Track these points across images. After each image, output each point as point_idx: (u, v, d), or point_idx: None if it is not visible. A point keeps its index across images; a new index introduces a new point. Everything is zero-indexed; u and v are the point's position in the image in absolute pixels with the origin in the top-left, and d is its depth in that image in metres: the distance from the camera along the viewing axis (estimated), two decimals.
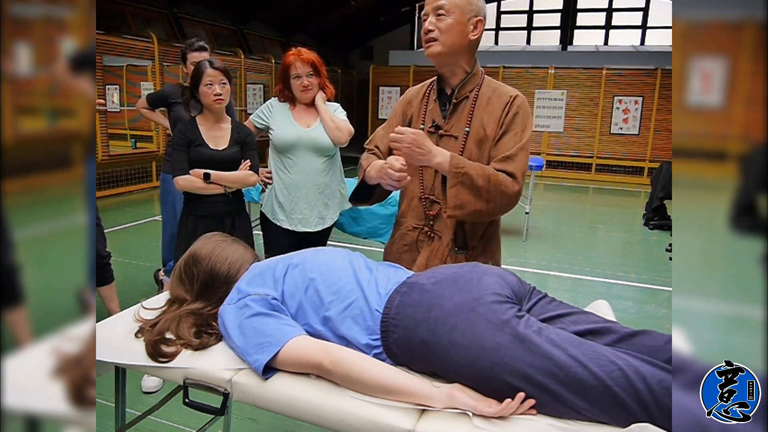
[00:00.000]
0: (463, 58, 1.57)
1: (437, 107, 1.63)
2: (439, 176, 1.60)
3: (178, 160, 2.26)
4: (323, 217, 2.54)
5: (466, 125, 1.57)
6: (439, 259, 1.59)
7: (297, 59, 2.39)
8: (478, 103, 1.58)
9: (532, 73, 10.31)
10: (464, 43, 1.53)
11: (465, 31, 1.52)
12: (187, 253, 1.47)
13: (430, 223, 1.63)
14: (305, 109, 2.50)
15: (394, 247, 1.72)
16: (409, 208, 1.68)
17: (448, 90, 1.62)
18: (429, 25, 1.52)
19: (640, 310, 3.79)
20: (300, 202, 2.47)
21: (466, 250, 1.61)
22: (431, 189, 1.62)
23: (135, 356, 1.30)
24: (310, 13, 11.17)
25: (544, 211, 6.97)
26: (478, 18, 1.54)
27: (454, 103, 1.59)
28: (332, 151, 2.51)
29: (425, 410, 1.10)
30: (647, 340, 1.14)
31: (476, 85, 1.60)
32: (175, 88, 3.15)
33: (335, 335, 1.24)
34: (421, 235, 1.65)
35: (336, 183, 2.60)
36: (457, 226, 1.59)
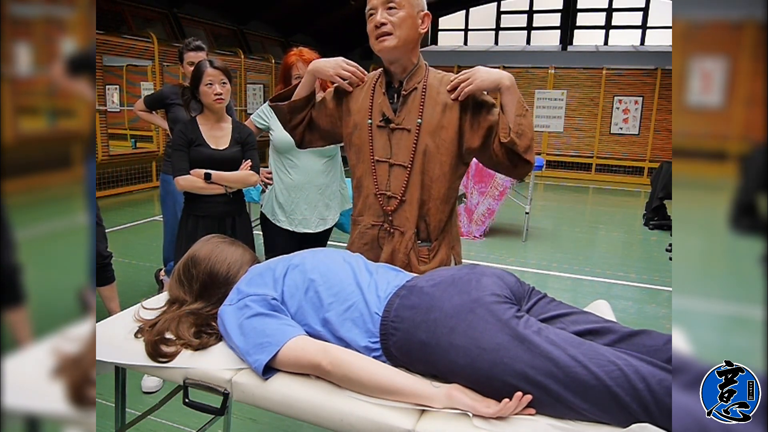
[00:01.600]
0: (413, 52, 1.57)
1: (386, 100, 1.60)
2: (393, 171, 1.58)
3: (178, 160, 2.26)
4: (324, 218, 2.54)
5: (417, 117, 1.55)
6: (402, 253, 1.58)
7: (299, 59, 2.38)
8: (428, 94, 1.56)
9: (532, 73, 10.31)
10: (416, 36, 1.53)
11: (416, 24, 1.52)
12: (186, 255, 1.47)
13: (389, 219, 1.60)
14: None
15: (353, 247, 1.67)
16: (365, 206, 1.65)
17: (396, 82, 1.60)
18: (381, 18, 1.49)
19: (640, 310, 3.79)
20: (300, 203, 2.46)
21: (429, 242, 1.60)
22: (387, 184, 1.59)
23: (135, 356, 1.30)
24: (310, 13, 11.17)
25: (544, 211, 6.97)
26: (424, 12, 1.54)
27: (404, 95, 1.57)
28: (333, 152, 2.51)
29: (425, 410, 1.10)
30: (647, 340, 1.14)
31: (423, 76, 1.58)
32: (173, 88, 3.13)
33: (335, 337, 1.24)
34: (382, 232, 1.62)
35: (336, 183, 2.59)
36: (419, 219, 1.58)
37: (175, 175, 2.26)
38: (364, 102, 1.63)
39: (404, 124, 1.56)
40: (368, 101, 1.62)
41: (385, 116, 1.58)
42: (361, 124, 1.62)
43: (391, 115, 1.58)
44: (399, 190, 1.57)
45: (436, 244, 1.60)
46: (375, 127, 1.59)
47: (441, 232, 1.61)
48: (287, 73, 2.42)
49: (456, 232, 1.68)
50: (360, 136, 1.63)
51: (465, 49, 12.89)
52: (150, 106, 3.26)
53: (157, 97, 3.22)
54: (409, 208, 1.57)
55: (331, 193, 2.55)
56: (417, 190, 1.56)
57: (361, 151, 1.63)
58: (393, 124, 1.57)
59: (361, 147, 1.63)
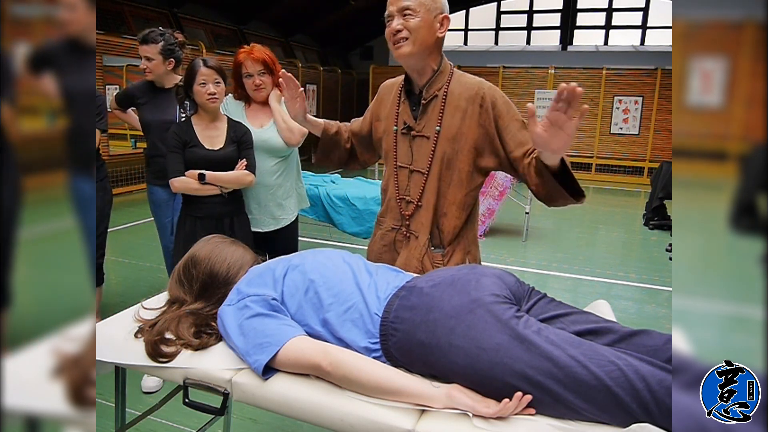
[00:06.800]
0: (432, 57, 1.56)
1: (407, 108, 1.62)
2: (413, 176, 1.61)
3: (173, 162, 2.24)
4: (276, 218, 2.49)
5: (436, 124, 1.57)
6: (416, 259, 1.60)
7: (247, 57, 2.32)
8: (448, 101, 1.57)
9: (532, 73, 10.31)
10: (433, 41, 1.53)
11: (433, 28, 1.52)
12: (186, 256, 1.47)
13: (407, 224, 1.63)
14: (260, 109, 2.45)
15: (375, 247, 1.74)
16: (388, 209, 1.70)
17: (416, 90, 1.61)
18: (397, 26, 1.51)
19: (640, 310, 3.79)
20: (250, 202, 2.44)
21: (442, 248, 1.61)
22: (406, 189, 1.63)
23: (135, 356, 1.30)
24: (310, 13, 11.17)
25: (544, 211, 6.96)
26: (443, 15, 1.53)
27: (424, 103, 1.59)
28: (285, 152, 2.46)
29: (425, 410, 1.10)
30: (647, 340, 1.14)
31: (444, 82, 1.58)
32: (141, 86, 2.84)
33: (334, 337, 1.24)
34: (399, 235, 1.66)
35: (291, 182, 2.54)
36: (432, 225, 1.60)
37: (170, 177, 2.25)
38: (392, 109, 1.67)
39: (424, 131, 1.59)
40: (395, 108, 1.65)
41: (406, 123, 1.62)
42: (388, 130, 1.67)
43: (411, 123, 1.61)
44: (416, 195, 1.60)
45: (450, 250, 1.62)
46: (399, 134, 1.63)
47: (455, 237, 1.62)
48: (237, 71, 2.38)
49: (474, 236, 1.69)
50: (387, 141, 1.68)
51: (465, 49, 12.90)
52: (121, 105, 2.97)
53: (127, 95, 2.92)
54: (424, 213, 1.60)
55: (284, 193, 2.50)
56: (433, 195, 1.58)
57: (387, 156, 1.69)
58: (414, 132, 1.60)
59: (387, 152, 1.69)
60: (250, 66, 2.34)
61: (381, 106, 1.73)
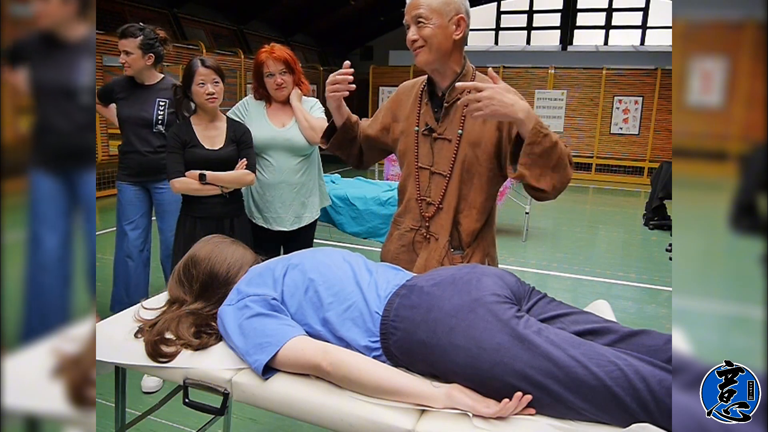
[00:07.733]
0: (453, 59, 1.56)
1: (430, 110, 1.62)
2: (434, 178, 1.61)
3: (172, 162, 2.24)
4: (299, 216, 2.51)
5: (459, 128, 1.57)
6: (436, 260, 1.59)
7: (269, 57, 2.35)
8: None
9: (532, 73, 10.31)
10: (449, 44, 1.53)
11: (448, 32, 1.51)
12: (186, 255, 1.46)
13: (426, 225, 1.63)
14: (281, 108, 2.46)
15: (392, 246, 1.72)
16: (407, 209, 1.69)
17: (439, 92, 1.61)
18: (412, 36, 1.52)
19: (640, 310, 3.79)
20: (275, 201, 2.45)
21: (462, 250, 1.61)
22: (427, 191, 1.63)
23: (135, 356, 1.30)
24: (310, 13, 11.17)
25: (544, 211, 6.96)
26: (459, 16, 1.52)
27: (446, 106, 1.59)
28: (308, 150, 2.47)
29: (425, 410, 1.10)
30: (647, 340, 1.14)
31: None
32: (121, 81, 2.77)
33: (335, 336, 1.24)
34: (418, 236, 1.65)
35: (314, 181, 2.56)
36: (452, 226, 1.60)
37: (170, 177, 2.24)
38: (413, 109, 1.66)
39: (446, 134, 1.59)
40: (416, 108, 1.65)
41: (428, 125, 1.61)
42: (408, 131, 1.66)
43: (433, 125, 1.61)
44: (437, 197, 1.60)
45: (470, 251, 1.62)
46: (420, 135, 1.63)
47: (474, 239, 1.62)
48: (258, 71, 2.40)
49: (492, 238, 1.69)
50: (405, 142, 1.67)
51: (465, 49, 12.89)
52: (101, 99, 2.87)
53: (106, 90, 2.83)
54: (445, 215, 1.60)
55: (308, 192, 2.52)
56: (454, 198, 1.58)
57: (405, 156, 1.68)
58: (435, 134, 1.60)
59: (405, 152, 1.67)
60: (272, 65, 2.35)
61: (399, 107, 1.71)
